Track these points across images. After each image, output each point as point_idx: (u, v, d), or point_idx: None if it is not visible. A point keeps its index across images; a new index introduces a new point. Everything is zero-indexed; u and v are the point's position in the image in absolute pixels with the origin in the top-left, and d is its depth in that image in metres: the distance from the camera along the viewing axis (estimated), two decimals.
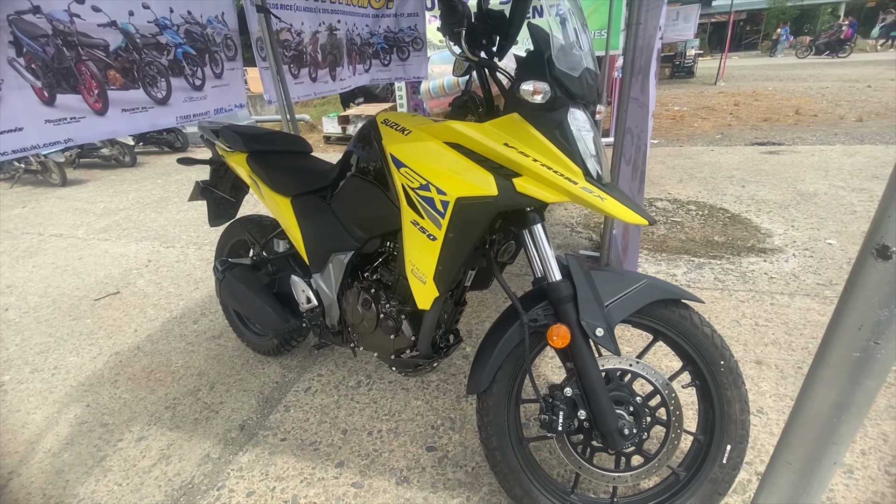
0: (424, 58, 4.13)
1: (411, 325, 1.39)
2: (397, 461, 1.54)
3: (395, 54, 4.06)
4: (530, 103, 1.00)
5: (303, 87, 2.79)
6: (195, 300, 2.74)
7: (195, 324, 2.48)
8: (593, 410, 1.13)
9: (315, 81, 2.88)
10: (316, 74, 2.87)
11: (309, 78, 2.82)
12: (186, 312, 2.61)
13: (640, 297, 1.14)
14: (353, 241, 1.45)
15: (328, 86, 3.03)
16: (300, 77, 2.75)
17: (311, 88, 2.86)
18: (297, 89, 2.73)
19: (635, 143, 2.20)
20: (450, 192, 1.07)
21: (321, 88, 2.96)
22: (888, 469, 1.40)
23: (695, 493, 1.19)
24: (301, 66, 2.74)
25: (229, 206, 2.17)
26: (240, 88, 2.32)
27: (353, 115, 7.02)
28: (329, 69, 3.00)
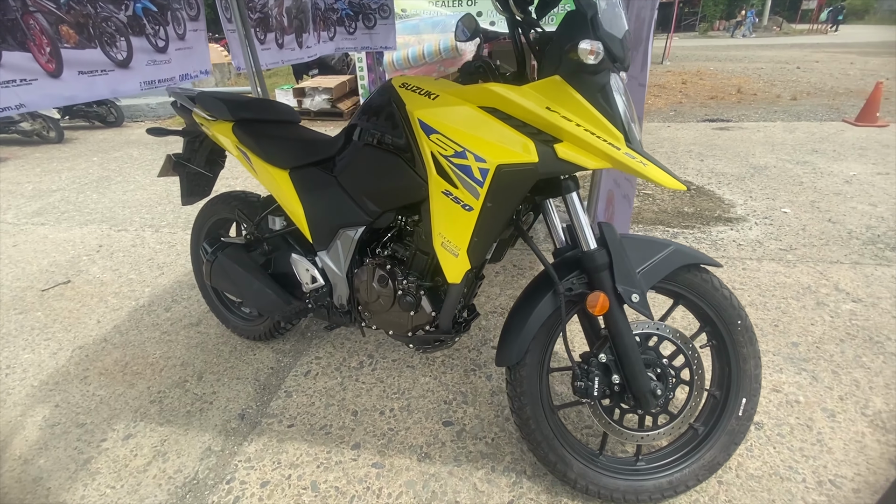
0: (392, 26, 3.94)
1: (430, 300, 1.35)
2: (415, 438, 1.52)
3: (360, 22, 3.85)
4: (577, 65, 0.97)
5: (270, 54, 2.58)
6: (163, 286, 2.52)
7: (168, 311, 2.29)
8: (627, 374, 1.16)
9: (282, 48, 2.67)
10: (283, 40, 2.66)
11: (276, 44, 2.61)
12: (155, 300, 2.40)
13: (668, 263, 1.16)
14: (365, 215, 1.37)
15: (295, 53, 2.82)
16: (267, 42, 2.54)
17: (279, 55, 2.65)
18: (265, 56, 2.52)
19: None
20: (490, 160, 1.03)
21: (288, 56, 2.76)
22: (863, 411, 1.55)
23: (714, 446, 1.26)
24: (268, 30, 2.52)
25: (204, 183, 1.99)
26: (204, 53, 2.11)
27: (309, 88, 6.64)
28: (295, 35, 2.79)
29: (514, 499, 1.32)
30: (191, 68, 2.01)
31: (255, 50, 2.42)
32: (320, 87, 6.53)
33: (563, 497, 1.31)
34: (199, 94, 1.67)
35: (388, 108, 1.23)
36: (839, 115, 5.84)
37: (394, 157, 1.24)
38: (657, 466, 1.27)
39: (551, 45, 1.04)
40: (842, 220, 2.99)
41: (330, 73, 7.74)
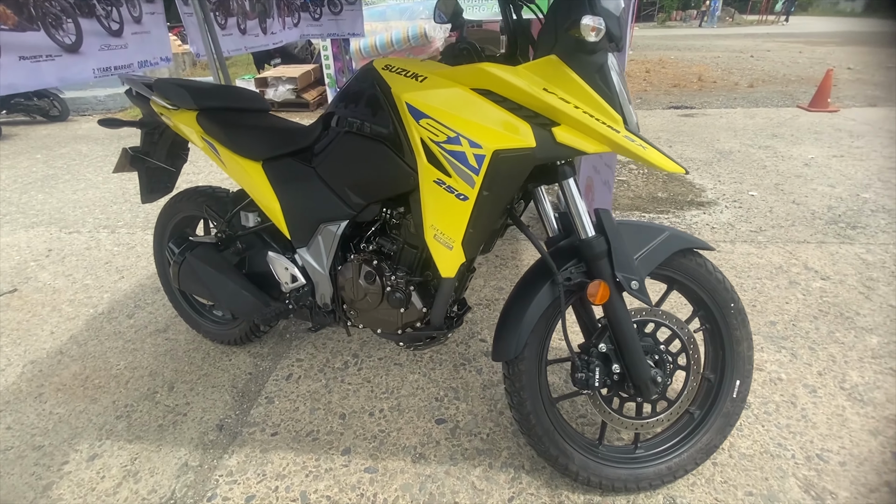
0: (359, 12, 3.80)
1: (421, 296, 1.29)
2: (408, 439, 1.47)
3: (326, 7, 3.69)
4: (575, 43, 0.92)
5: (232, 40, 2.41)
6: (123, 291, 2.35)
7: (130, 318, 2.13)
8: (627, 363, 1.14)
9: (245, 34, 2.51)
10: (245, 26, 2.50)
11: (238, 29, 2.45)
12: (115, 306, 2.23)
13: (665, 248, 1.14)
14: (348, 208, 1.29)
15: (259, 39, 2.66)
16: (228, 28, 2.37)
17: (241, 42, 2.49)
18: (227, 42, 2.36)
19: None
20: (486, 145, 0.97)
21: (252, 42, 2.59)
22: (842, 385, 1.61)
23: (710, 429, 1.26)
24: (228, 14, 2.36)
25: (166, 178, 1.85)
26: (164, 38, 1.94)
27: (272, 78, 6.36)
28: (259, 20, 2.63)
29: (515, 495, 1.29)
30: (150, 54, 1.85)
31: (215, 35, 2.25)
32: (284, 76, 6.26)
33: (563, 490, 1.29)
34: (158, 81, 1.53)
35: (371, 93, 1.15)
36: (793, 102, 6.10)
37: (378, 145, 1.16)
38: (656, 453, 1.26)
39: (546, 22, 0.99)
40: (805, 201, 3.11)
41: (293, 62, 7.44)
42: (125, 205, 3.48)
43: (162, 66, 1.99)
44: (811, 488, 1.27)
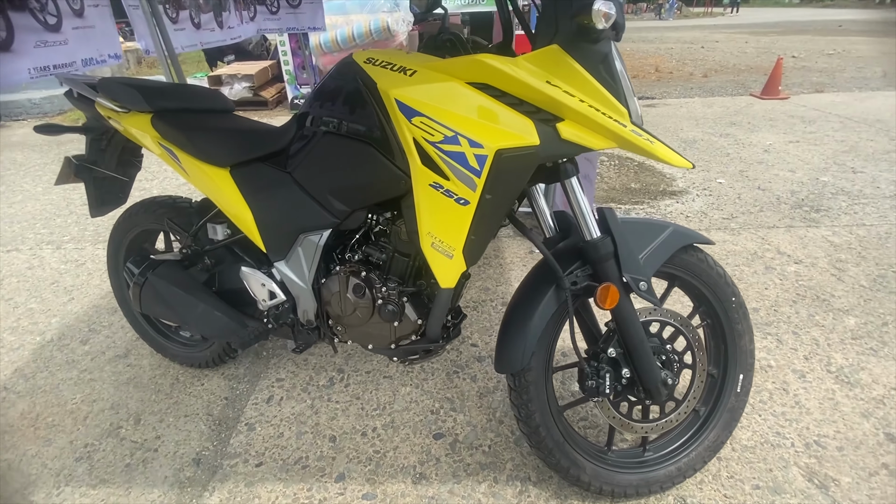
0: (319, 5, 3.62)
1: (415, 307, 1.20)
2: (406, 458, 1.38)
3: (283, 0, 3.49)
4: (578, 31, 0.85)
5: (186, 35, 2.22)
6: (74, 314, 2.13)
7: (85, 344, 1.93)
8: (637, 367, 1.10)
9: (199, 28, 2.31)
10: (199, 20, 2.31)
11: (191, 23, 2.25)
12: (66, 332, 2.01)
13: (668, 246, 1.11)
14: (331, 216, 1.18)
15: (215, 35, 2.46)
16: (180, 22, 2.17)
17: (197, 37, 2.30)
18: (180, 38, 2.16)
19: None
20: (488, 144, 0.89)
21: (208, 38, 2.40)
22: (828, 368, 1.64)
23: (716, 425, 1.24)
24: (179, 7, 2.16)
25: (117, 188, 1.67)
26: (111, 32, 1.74)
27: (227, 76, 6.03)
28: (214, 14, 2.43)
29: None
30: (95, 51, 1.65)
31: (165, 30, 2.06)
32: (239, 74, 5.95)
33: (573, 499, 1.24)
34: (103, 81, 1.36)
35: (354, 89, 1.04)
36: (746, 90, 6.34)
37: (363, 146, 1.06)
38: (665, 454, 1.23)
39: (545, 9, 0.91)
40: (769, 186, 3.21)
41: (248, 58, 7.09)
42: (70, 217, 3.19)
43: (111, 63, 1.79)
44: (814, 476, 1.27)
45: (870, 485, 1.24)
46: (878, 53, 8.67)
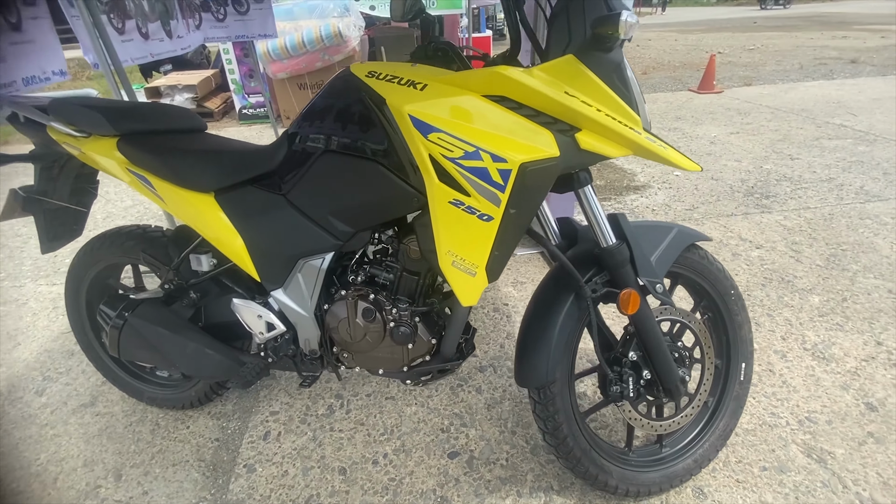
0: (269, 11, 3.47)
1: (427, 327, 1.16)
2: (423, 483, 1.33)
3: (230, 6, 3.32)
4: (592, 41, 0.85)
5: (134, 47, 2.04)
6: (24, 362, 1.89)
7: (41, 396, 1.72)
8: (656, 368, 1.11)
9: (148, 39, 2.13)
10: (146, 29, 2.13)
11: (139, 33, 2.07)
12: (17, 383, 1.79)
13: (676, 246, 1.13)
14: (333, 238, 1.11)
15: (165, 45, 2.29)
16: (127, 32, 1.99)
17: (146, 48, 2.12)
18: (129, 49, 1.98)
19: None
20: (511, 158, 0.87)
21: (158, 48, 2.22)
22: (804, 346, 1.75)
23: (725, 414, 1.29)
24: (125, 16, 1.98)
25: (71, 220, 1.50)
26: (54, 47, 1.57)
27: (166, 87, 5.64)
28: (161, 23, 2.25)
29: None
30: (38, 69, 1.47)
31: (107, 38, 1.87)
32: (180, 84, 5.59)
33: (596, 501, 1.25)
34: (55, 103, 1.21)
35: (357, 105, 0.99)
36: (684, 86, 6.73)
37: (369, 164, 1.00)
38: (681, 449, 1.27)
39: (556, 20, 0.90)
40: (721, 176, 3.42)
41: (188, 68, 6.68)
42: (2, 252, 2.85)
43: (56, 80, 1.60)
44: (812, 452, 1.35)
45: (861, 454, 1.34)
46: (792, 47, 9.50)
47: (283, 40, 4.67)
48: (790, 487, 1.26)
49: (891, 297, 1.98)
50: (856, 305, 1.94)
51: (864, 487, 1.25)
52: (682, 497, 1.26)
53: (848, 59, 7.48)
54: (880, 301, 1.96)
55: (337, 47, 4.82)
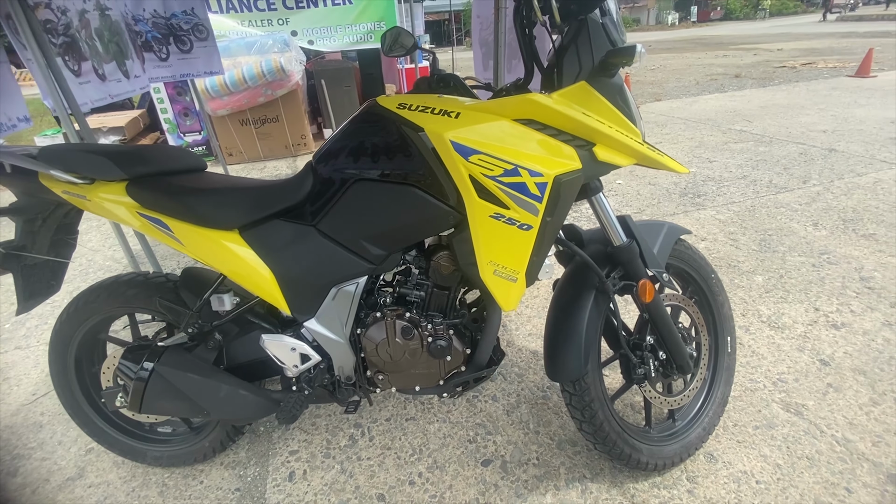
0: (214, 48, 3.42)
1: (460, 338, 1.23)
2: (465, 493, 1.36)
3: (173, 45, 3.23)
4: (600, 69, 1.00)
5: (93, 88, 1.94)
6: None
7: (15, 476, 1.53)
8: (670, 348, 1.26)
9: (105, 80, 2.04)
10: (103, 70, 2.03)
11: (96, 75, 1.97)
12: None
13: (669, 239, 1.30)
14: (367, 262, 1.15)
15: (123, 85, 2.20)
16: (84, 74, 1.90)
17: (104, 89, 2.02)
18: (87, 91, 1.89)
19: None
20: (546, 173, 0.98)
21: (115, 89, 2.13)
22: (761, 319, 2.01)
23: (721, 383, 1.46)
24: (81, 58, 1.89)
25: (49, 274, 1.39)
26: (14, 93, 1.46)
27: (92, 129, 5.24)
28: (117, 63, 2.16)
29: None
30: (3, 116, 1.37)
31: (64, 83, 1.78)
32: (105, 127, 5.22)
33: (627, 482, 1.35)
34: (46, 151, 1.15)
35: (391, 134, 1.05)
36: None
37: (406, 188, 1.07)
38: (690, 420, 1.41)
39: (567, 53, 1.04)
40: (657, 181, 3.81)
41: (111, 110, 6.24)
42: None
43: (21, 127, 1.49)
44: (789, 407, 1.56)
45: (827, 402, 1.57)
46: (685, 66, 10.81)
47: (222, 77, 4.56)
48: (781, 440, 1.45)
49: (815, 269, 2.34)
50: (791, 280, 2.27)
51: (836, 430, 1.47)
52: (698, 464, 1.40)
53: (732, 75, 8.66)
54: (808, 274, 2.30)
55: (280, 82, 4.79)
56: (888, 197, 3.07)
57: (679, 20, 38.62)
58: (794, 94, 6.46)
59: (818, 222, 2.81)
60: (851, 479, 1.31)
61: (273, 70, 4.70)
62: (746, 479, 1.34)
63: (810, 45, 12.68)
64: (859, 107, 5.46)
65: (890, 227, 2.67)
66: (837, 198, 3.12)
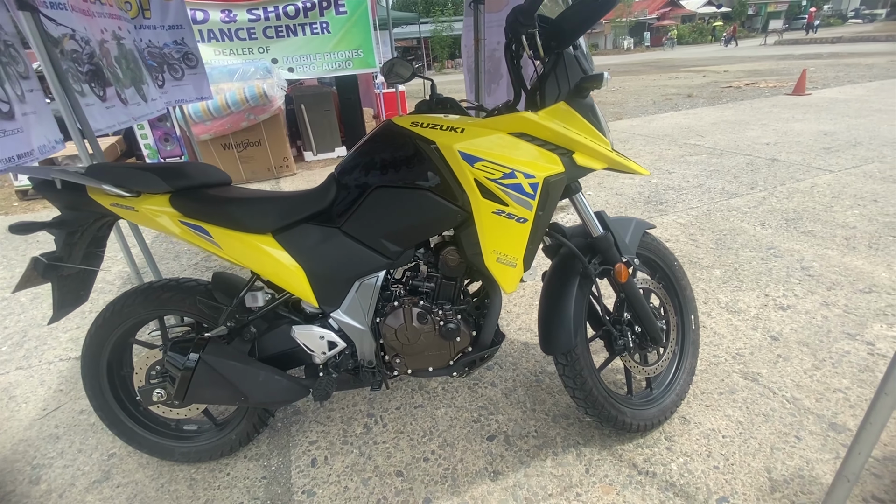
0: (203, 75, 3.57)
1: (466, 322, 1.41)
2: (474, 464, 1.52)
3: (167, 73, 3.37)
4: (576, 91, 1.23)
5: (120, 111, 2.08)
6: (2, 457, 1.71)
7: (38, 484, 1.59)
8: (644, 322, 1.48)
9: (127, 104, 2.18)
10: (125, 94, 2.17)
11: (119, 99, 2.11)
12: (3, 479, 1.62)
13: (638, 232, 1.54)
14: (385, 258, 1.33)
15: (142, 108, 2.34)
16: (109, 99, 2.03)
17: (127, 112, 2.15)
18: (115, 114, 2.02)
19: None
20: (538, 175, 1.20)
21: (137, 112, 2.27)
22: (720, 305, 2.28)
23: (688, 356, 1.69)
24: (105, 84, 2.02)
25: (78, 285, 1.50)
26: (48, 117, 1.58)
27: (64, 157, 5.22)
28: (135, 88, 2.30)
29: (588, 466, 1.48)
30: (44, 137, 1.48)
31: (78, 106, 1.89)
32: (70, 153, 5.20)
33: (615, 444, 1.55)
34: (93, 168, 1.29)
35: (407, 147, 1.25)
36: None
37: (420, 193, 1.26)
38: (665, 388, 1.63)
39: (548, 79, 1.27)
40: (623, 191, 4.14)
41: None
42: None
43: (59, 149, 1.60)
44: (747, 375, 1.81)
45: (777, 370, 1.82)
46: (642, 87, 11.58)
47: (205, 103, 4.69)
48: (741, 402, 1.68)
49: (763, 262, 2.65)
50: (744, 272, 2.56)
51: (786, 391, 1.72)
52: (674, 426, 1.61)
53: (685, 94, 9.36)
54: (758, 266, 2.61)
55: (263, 107, 4.95)
56: (823, 199, 3.47)
57: (634, 45, 41.06)
58: (741, 112, 7.08)
59: (765, 222, 3.16)
60: (800, 429, 1.55)
61: (256, 96, 4.86)
62: (714, 434, 1.56)
63: (753, 67, 13.81)
64: (797, 121, 6.06)
65: (825, 224, 3.05)
66: (780, 201, 3.51)
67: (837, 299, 2.23)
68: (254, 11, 5.25)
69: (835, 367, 1.81)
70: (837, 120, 5.93)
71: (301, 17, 5.45)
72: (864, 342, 1.93)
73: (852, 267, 2.50)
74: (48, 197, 1.33)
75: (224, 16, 5.16)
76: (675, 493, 1.38)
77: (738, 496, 1.35)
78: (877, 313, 2.10)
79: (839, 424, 1.56)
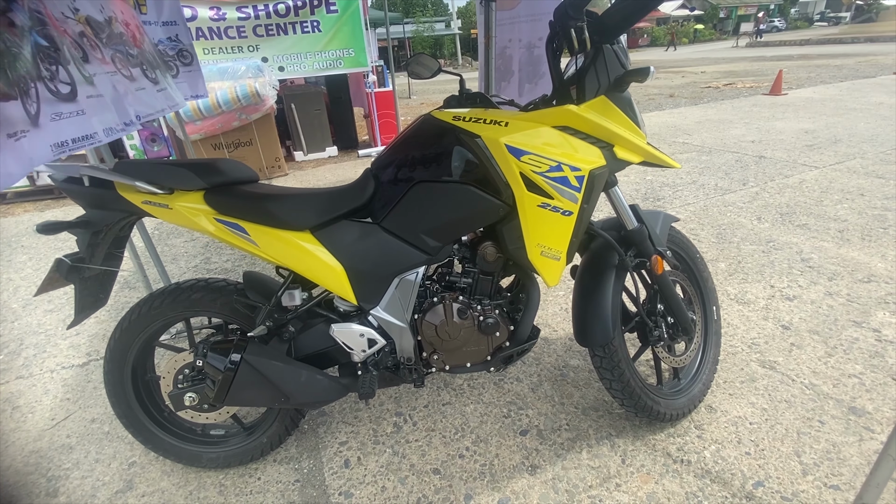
0: (198, 73, 3.48)
1: (503, 316, 1.41)
2: (511, 459, 1.52)
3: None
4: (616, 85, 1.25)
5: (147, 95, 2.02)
6: (13, 470, 1.63)
7: (56, 497, 1.52)
8: (676, 313, 1.51)
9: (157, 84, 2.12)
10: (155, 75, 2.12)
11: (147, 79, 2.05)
12: (14, 492, 1.54)
13: (666, 225, 1.57)
14: (424, 254, 1.32)
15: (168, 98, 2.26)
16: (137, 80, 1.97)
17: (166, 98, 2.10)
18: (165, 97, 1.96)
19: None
20: (583, 168, 1.20)
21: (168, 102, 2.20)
22: (729, 297, 2.34)
23: (712, 346, 1.73)
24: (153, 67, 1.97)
25: (98, 287, 1.45)
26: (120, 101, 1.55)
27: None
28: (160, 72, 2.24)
29: (624, 456, 1.50)
30: (112, 120, 1.43)
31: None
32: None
33: (647, 434, 1.57)
34: (122, 165, 1.24)
35: (449, 141, 1.24)
36: None
37: (461, 187, 1.26)
38: (692, 377, 1.66)
39: (588, 73, 1.28)
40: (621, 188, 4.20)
41: None
42: None
43: (130, 130, 1.56)
44: (765, 364, 1.86)
45: (793, 357, 1.88)
46: None
47: (195, 102, 4.57)
48: (762, 390, 1.73)
49: (765, 254, 2.73)
50: (748, 264, 2.64)
51: (804, 378, 1.77)
52: (701, 415, 1.64)
53: (667, 94, 9.58)
54: (760, 258, 2.69)
55: (255, 106, 4.86)
56: (812, 194, 3.60)
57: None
58: (723, 111, 7.29)
59: (761, 216, 3.26)
60: (822, 413, 1.61)
61: (248, 95, 4.76)
62: (742, 421, 1.60)
63: (729, 69, 14.23)
64: (777, 120, 6.27)
65: (818, 217, 3.16)
66: (772, 196, 3.63)
67: (839, 289, 2.31)
68: (244, 9, 5.15)
69: (847, 354, 1.87)
70: (816, 118, 6.16)
71: (291, 16, 5.36)
72: (870, 329, 2.00)
73: (849, 258, 2.60)
74: (73, 194, 1.27)
75: (213, 13, 5.04)
76: (711, 479, 1.40)
77: (772, 480, 1.38)
78: (878, 301, 2.19)
79: (858, 408, 1.61)
